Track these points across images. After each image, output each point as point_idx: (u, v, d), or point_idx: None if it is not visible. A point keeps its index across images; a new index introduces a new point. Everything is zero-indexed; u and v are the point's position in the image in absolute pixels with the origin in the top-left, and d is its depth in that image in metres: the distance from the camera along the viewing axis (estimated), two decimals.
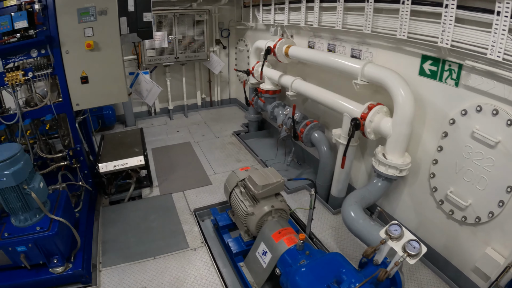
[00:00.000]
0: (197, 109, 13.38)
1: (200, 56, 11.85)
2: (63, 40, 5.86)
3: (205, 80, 13.17)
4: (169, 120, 12.58)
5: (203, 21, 11.56)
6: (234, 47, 12.87)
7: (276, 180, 5.32)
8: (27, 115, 6.18)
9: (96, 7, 5.85)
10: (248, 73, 9.62)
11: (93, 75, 6.20)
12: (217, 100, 13.56)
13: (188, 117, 12.76)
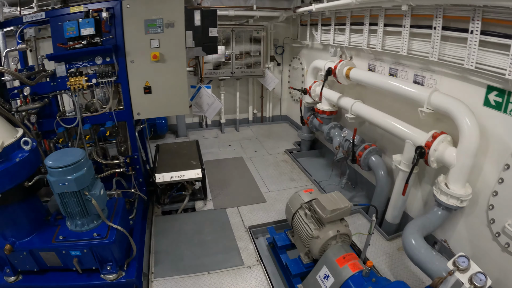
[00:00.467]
0: (248, 124, 13.41)
1: (256, 72, 11.91)
2: (128, 50, 6.00)
3: (258, 96, 13.23)
4: (220, 133, 12.65)
5: (260, 38, 11.66)
6: (288, 65, 12.91)
7: (344, 205, 5.21)
8: (86, 120, 6.32)
9: (164, 20, 5.96)
10: (305, 92, 9.49)
11: (157, 86, 6.31)
12: (268, 116, 13.59)
13: (240, 131, 12.80)
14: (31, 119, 6.12)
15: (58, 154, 4.76)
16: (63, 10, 5.91)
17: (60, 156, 4.68)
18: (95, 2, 5.99)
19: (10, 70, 5.31)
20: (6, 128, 4.63)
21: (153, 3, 5.99)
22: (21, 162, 4.51)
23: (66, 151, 4.86)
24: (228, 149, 11.09)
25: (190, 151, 8.11)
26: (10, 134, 4.60)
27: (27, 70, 6.38)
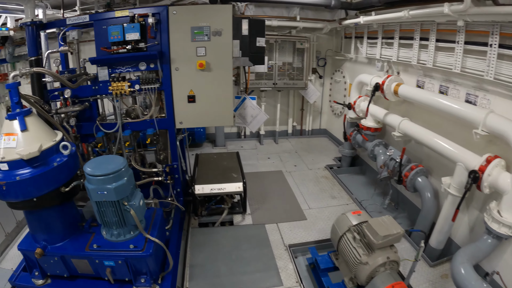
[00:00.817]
0: (287, 136, 13.15)
1: (298, 84, 11.67)
2: (173, 57, 5.88)
3: (298, 108, 12.95)
4: (259, 145, 12.45)
5: (303, 49, 11.44)
6: (330, 77, 12.58)
7: (396, 231, 4.89)
8: (127, 126, 6.22)
9: (211, 28, 5.82)
10: (349, 107, 9.17)
11: (201, 95, 6.17)
12: (308, 129, 13.28)
13: (279, 144, 12.55)
14: (70, 122, 6.09)
15: (97, 161, 4.64)
16: (107, 14, 5.84)
17: (100, 163, 4.56)
18: (140, 7, 5.92)
19: (52, 71, 5.21)
20: (45, 130, 4.54)
21: (201, 10, 5.87)
22: (59, 167, 4.40)
23: (107, 158, 4.74)
24: (267, 162, 10.90)
25: (230, 162, 7.89)
26: (49, 137, 4.51)
27: (69, 72, 6.37)
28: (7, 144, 4.18)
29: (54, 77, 5.24)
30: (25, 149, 4.14)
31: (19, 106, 4.39)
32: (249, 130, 11.81)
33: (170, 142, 6.50)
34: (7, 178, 4.08)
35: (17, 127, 4.24)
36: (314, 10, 11.07)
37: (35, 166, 4.22)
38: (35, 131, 4.38)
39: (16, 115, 4.26)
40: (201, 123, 6.74)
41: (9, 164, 4.11)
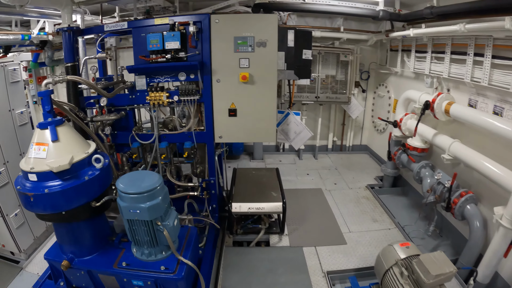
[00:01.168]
0: (327, 152, 12.72)
1: (341, 98, 11.22)
2: (215, 68, 5.64)
3: (339, 123, 12.54)
4: (298, 159, 12.07)
5: (347, 62, 11.02)
6: (373, 92, 12.10)
7: (448, 270, 4.46)
8: (164, 138, 6.03)
9: (255, 38, 5.55)
10: (395, 124, 8.71)
11: (243, 109, 5.90)
12: (348, 145, 12.82)
13: (318, 159, 12.13)
14: (105, 131, 5.96)
15: (131, 177, 4.42)
16: (146, 21, 5.66)
17: (133, 179, 4.34)
18: (181, 15, 5.78)
19: (87, 80, 5.06)
20: (77, 141, 4.37)
21: (245, 19, 5.62)
22: (90, 181, 4.21)
23: (141, 174, 4.52)
24: (306, 178, 10.46)
25: (270, 179, 7.54)
26: (81, 148, 4.34)
27: (105, 80, 6.22)
28: (37, 154, 4.04)
29: (89, 86, 5.12)
30: (55, 161, 3.98)
31: (51, 115, 4.24)
32: (294, 148, 11.47)
33: (208, 157, 6.26)
34: (35, 190, 3.94)
35: (48, 137, 4.12)
36: (358, 20, 10.65)
37: (65, 178, 4.03)
38: (67, 142, 4.22)
39: (48, 124, 4.15)
40: (241, 139, 6.39)
41: (38, 175, 3.97)
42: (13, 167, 6.52)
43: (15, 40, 8.53)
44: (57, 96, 12.86)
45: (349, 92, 11.28)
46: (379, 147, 11.82)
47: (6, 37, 8.20)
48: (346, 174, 10.91)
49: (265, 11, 7.87)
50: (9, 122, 6.61)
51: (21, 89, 7.01)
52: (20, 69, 6.97)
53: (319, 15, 10.24)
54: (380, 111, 11.50)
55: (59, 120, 4.23)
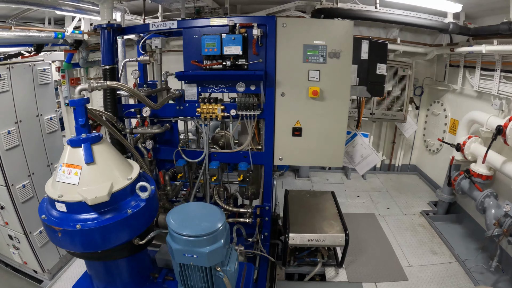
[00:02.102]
0: (375, 171, 11.94)
1: (397, 116, 10.29)
2: (280, 80, 4.88)
3: (389, 141, 11.72)
4: (346, 179, 11.37)
5: (405, 77, 10.11)
6: (426, 109, 11.20)
7: None
8: (214, 157, 5.29)
9: (328, 47, 4.78)
10: (458, 148, 7.86)
11: (309, 128, 5.12)
12: (398, 164, 11.99)
13: (367, 179, 11.38)
14: (146, 144, 5.28)
15: (186, 212, 3.60)
16: (200, 21, 4.90)
17: (189, 216, 3.52)
18: (241, 16, 5.12)
19: (132, 88, 4.27)
20: (118, 163, 3.55)
21: (316, 25, 4.84)
22: (134, 215, 3.35)
23: (198, 209, 3.70)
24: (357, 202, 9.77)
25: (327, 205, 6.76)
26: (122, 172, 3.50)
27: (148, 86, 5.48)
28: (67, 179, 3.20)
29: (134, 94, 4.35)
30: (90, 190, 3.12)
31: (85, 129, 3.43)
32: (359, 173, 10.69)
33: (264, 180, 5.47)
34: (64, 224, 3.11)
35: (81, 157, 3.24)
36: (413, 32, 9.96)
37: (103, 211, 3.20)
38: (105, 164, 3.37)
39: (81, 142, 3.28)
40: (305, 161, 5.52)
41: (68, 206, 3.14)
42: (39, 179, 5.98)
43: (47, 39, 7.82)
44: None
45: (406, 110, 10.35)
46: (430, 169, 11.02)
47: (38, 35, 7.49)
48: (398, 197, 10.17)
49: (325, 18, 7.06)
50: (36, 128, 6.11)
51: (51, 92, 6.47)
52: (51, 69, 6.46)
53: (373, 23, 9.59)
54: (434, 130, 10.68)
55: (96, 137, 3.41)
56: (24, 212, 5.86)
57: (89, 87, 3.63)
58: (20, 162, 5.84)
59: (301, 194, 7.17)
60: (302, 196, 7.06)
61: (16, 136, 5.73)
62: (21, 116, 5.82)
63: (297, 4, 7.78)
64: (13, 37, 6.84)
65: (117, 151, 3.67)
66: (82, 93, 3.47)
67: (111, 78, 5.14)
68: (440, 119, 10.30)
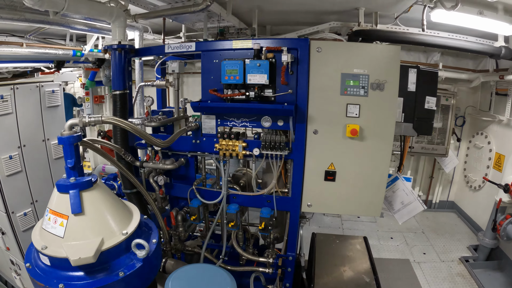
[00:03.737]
0: None
1: (438, 150, 9.47)
2: (312, 114, 4.15)
3: (427, 176, 10.92)
4: (378, 217, 10.42)
5: (448, 106, 9.32)
6: (468, 141, 10.35)
7: None
8: (233, 199, 4.58)
9: (370, 77, 4.04)
10: (507, 189, 7.15)
11: (344, 172, 4.32)
12: (435, 201, 11.17)
13: None
14: (158, 180, 4.68)
15: (190, 278, 3.15)
16: (221, 43, 4.25)
17: (192, 284, 3.03)
18: (268, 38, 4.31)
19: (131, 125, 3.51)
20: (113, 212, 2.99)
21: (357, 50, 4.10)
22: (128, 278, 2.78)
23: (204, 276, 3.21)
24: (390, 244, 9.02)
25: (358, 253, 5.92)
26: (118, 223, 2.94)
27: (164, 114, 4.93)
28: (52, 228, 2.75)
29: (135, 132, 3.68)
30: (75, 246, 2.63)
31: (75, 172, 2.90)
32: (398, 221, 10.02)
33: (289, 229, 4.74)
34: (47, 281, 2.66)
35: (68, 206, 2.75)
36: (455, 56, 9.33)
37: (91, 271, 2.67)
38: (96, 215, 2.85)
39: (69, 188, 2.80)
40: (337, 209, 4.87)
41: (52, 260, 2.68)
42: (43, 207, 5.30)
43: (65, 56, 7.44)
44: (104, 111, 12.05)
45: (448, 143, 9.57)
46: (470, 207, 10.21)
47: (55, 52, 7.08)
48: (435, 240, 9.38)
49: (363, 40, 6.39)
50: (42, 154, 5.76)
51: (60, 115, 6.08)
52: (60, 91, 6.03)
53: (412, 47, 9.04)
54: (476, 164, 9.85)
55: (87, 182, 2.86)
56: (24, 241, 5.47)
57: (80, 122, 3.07)
58: (22, 189, 5.47)
59: (330, 239, 6.40)
60: (331, 242, 6.29)
61: (19, 162, 5.35)
62: (26, 141, 5.45)
63: (333, 25, 7.07)
64: (28, 53, 6.45)
65: (114, 197, 3.11)
66: (73, 129, 2.96)
67: (121, 105, 4.53)
68: (484, 153, 9.47)
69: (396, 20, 6.69)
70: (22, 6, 4.35)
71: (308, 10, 6.65)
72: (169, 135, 4.49)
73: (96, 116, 3.25)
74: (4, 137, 5.16)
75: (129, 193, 4.69)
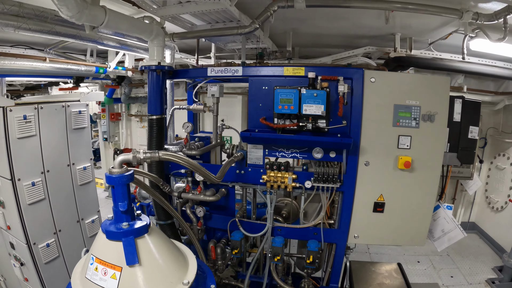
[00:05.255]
0: None
1: (464, 173, 9.24)
2: (364, 146, 4.03)
3: (450, 197, 10.77)
4: (422, 246, 10.34)
5: None
6: (489, 162, 10.25)
7: None
8: (278, 231, 4.36)
9: (421, 108, 3.94)
10: None
11: (393, 203, 4.24)
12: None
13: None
14: (197, 212, 4.44)
15: None
16: (271, 69, 4.14)
17: None
18: (319, 66, 4.26)
19: (191, 162, 3.26)
20: (170, 258, 2.60)
21: (409, 81, 4.04)
22: None
23: None
24: (418, 268, 8.82)
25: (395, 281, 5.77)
26: (175, 271, 2.55)
27: (200, 140, 4.69)
28: (101, 281, 2.33)
29: (197, 171, 3.49)
30: None
31: (128, 216, 2.47)
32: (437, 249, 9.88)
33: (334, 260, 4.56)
34: None
35: (121, 255, 2.33)
36: (477, 78, 9.16)
37: None
38: (153, 265, 2.43)
39: (122, 235, 2.37)
40: (384, 240, 4.63)
41: None
42: (67, 237, 5.34)
43: (87, 73, 7.25)
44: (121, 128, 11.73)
45: (473, 166, 9.35)
46: (492, 228, 10.06)
47: (77, 68, 6.91)
48: (461, 262, 9.23)
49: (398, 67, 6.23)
50: (67, 180, 5.42)
51: (86, 138, 5.81)
52: (87, 112, 5.74)
53: (435, 71, 8.68)
54: (498, 185, 9.77)
55: (142, 229, 2.46)
56: (46, 274, 5.11)
57: (134, 159, 2.79)
58: (45, 218, 5.12)
59: (365, 267, 6.24)
60: (367, 270, 6.12)
61: (42, 189, 5.02)
62: (49, 165, 5.13)
63: (368, 50, 6.92)
64: (50, 68, 6.28)
65: (168, 241, 2.72)
66: (123, 169, 2.50)
67: (158, 131, 4.33)
68: (506, 174, 9.41)
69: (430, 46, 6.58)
70: (53, 18, 4.11)
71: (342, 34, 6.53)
72: (205, 162, 4.48)
73: (151, 152, 2.99)
74: (27, 162, 4.82)
75: (163, 224, 4.50)
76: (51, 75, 7.45)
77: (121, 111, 11.56)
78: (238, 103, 10.30)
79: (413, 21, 5.50)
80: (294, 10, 4.35)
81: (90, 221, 5.84)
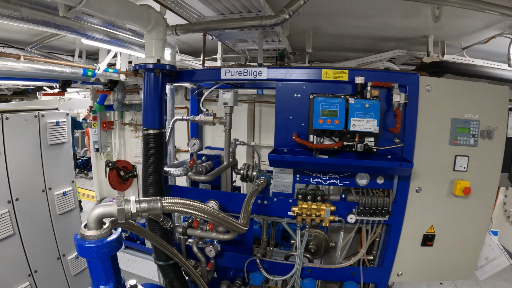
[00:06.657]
0: None
1: None
2: (417, 169, 3.27)
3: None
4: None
5: None
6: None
7: None
8: (308, 272, 3.62)
9: (480, 123, 3.31)
10: None
11: (444, 234, 3.60)
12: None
13: None
14: (207, 252, 3.62)
15: None
16: (306, 71, 3.35)
17: None
18: (365, 70, 3.55)
19: (219, 214, 2.58)
20: None
21: (467, 90, 3.38)
22: None
23: None
24: None
25: None
26: None
27: (208, 159, 4.02)
28: None
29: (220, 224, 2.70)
30: None
31: None
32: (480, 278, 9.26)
33: None
34: None
35: None
36: None
37: None
38: None
39: None
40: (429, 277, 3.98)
41: None
42: (44, 278, 4.51)
43: (73, 75, 6.31)
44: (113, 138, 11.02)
45: None
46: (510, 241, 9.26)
47: (61, 70, 5.96)
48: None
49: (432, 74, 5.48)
50: (42, 208, 4.61)
51: (66, 155, 4.95)
52: (68, 123, 4.93)
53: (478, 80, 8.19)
54: None
55: None
56: None
57: (121, 214, 1.95)
58: (15, 258, 4.30)
59: None
60: None
61: (10, 222, 4.17)
62: (19, 192, 4.29)
63: (398, 54, 6.16)
64: (28, 69, 5.31)
65: None
66: (110, 231, 1.86)
67: (156, 149, 3.48)
68: None
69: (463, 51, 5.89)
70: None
71: (368, 35, 5.81)
72: (214, 189, 3.90)
73: (151, 199, 2.13)
74: None
75: (163, 265, 3.69)
76: (29, 77, 6.48)
77: (114, 120, 10.77)
78: (243, 112, 9.55)
79: (455, 22, 4.78)
80: (322, 2, 3.74)
81: (73, 256, 5.07)
